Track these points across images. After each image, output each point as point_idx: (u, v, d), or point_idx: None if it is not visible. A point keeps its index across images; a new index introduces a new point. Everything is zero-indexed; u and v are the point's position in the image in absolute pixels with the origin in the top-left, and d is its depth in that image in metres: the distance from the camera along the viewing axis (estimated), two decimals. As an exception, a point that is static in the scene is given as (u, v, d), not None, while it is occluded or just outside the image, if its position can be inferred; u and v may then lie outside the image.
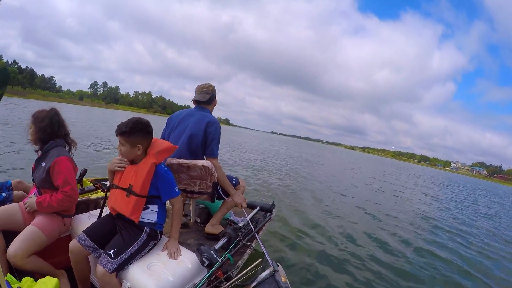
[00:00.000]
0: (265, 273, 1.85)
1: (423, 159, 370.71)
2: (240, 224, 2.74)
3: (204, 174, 2.62)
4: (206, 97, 2.85)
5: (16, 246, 1.99)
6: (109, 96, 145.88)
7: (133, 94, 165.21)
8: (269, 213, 3.56)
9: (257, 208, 3.55)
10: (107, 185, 3.45)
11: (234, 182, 2.91)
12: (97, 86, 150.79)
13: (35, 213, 2.29)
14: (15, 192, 2.62)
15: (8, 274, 1.74)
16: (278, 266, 1.95)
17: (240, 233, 2.53)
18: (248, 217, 2.85)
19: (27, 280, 1.74)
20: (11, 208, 2.29)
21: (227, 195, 2.83)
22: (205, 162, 2.60)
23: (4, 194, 2.53)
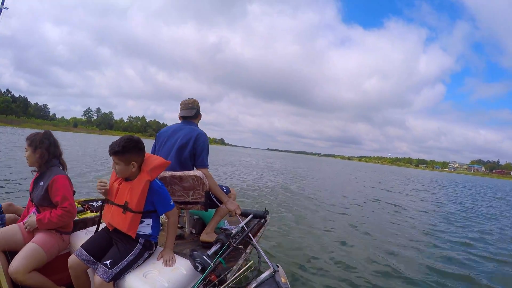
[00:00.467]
0: (265, 274, 1.89)
1: (420, 163, 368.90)
2: (233, 232, 2.78)
3: (196, 184, 2.70)
4: (193, 112, 2.98)
5: (17, 262, 2.06)
6: (103, 122, 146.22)
7: (127, 119, 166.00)
8: (263, 220, 3.63)
9: (251, 216, 3.58)
10: (95, 206, 3.54)
11: (225, 190, 2.99)
12: (91, 112, 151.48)
13: (34, 231, 2.35)
14: (7, 215, 2.68)
15: None
16: (278, 267, 1.99)
17: (233, 240, 2.58)
18: (241, 224, 2.91)
19: None
20: (11, 229, 2.35)
21: (221, 202, 2.90)
22: (196, 172, 2.68)
23: None
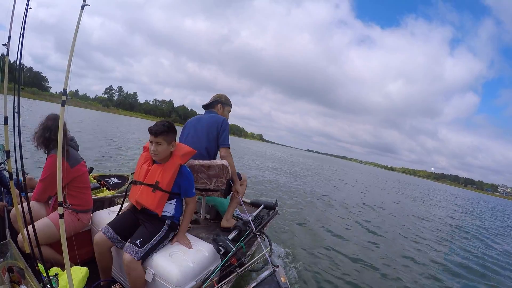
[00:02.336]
0: (265, 273, 2.14)
1: (468, 182, 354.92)
2: (249, 220, 3.19)
3: (221, 172, 3.13)
4: (210, 101, 3.54)
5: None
6: (123, 102, 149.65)
7: (153, 101, 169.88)
8: (272, 210, 4.11)
9: (262, 206, 4.12)
10: (111, 183, 3.99)
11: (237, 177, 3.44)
12: (113, 91, 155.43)
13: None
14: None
15: (39, 264, 2.00)
16: (278, 266, 2.22)
17: (249, 226, 2.98)
18: (255, 213, 3.41)
19: (56, 269, 2.10)
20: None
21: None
22: (223, 162, 3.12)
23: None
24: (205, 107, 3.55)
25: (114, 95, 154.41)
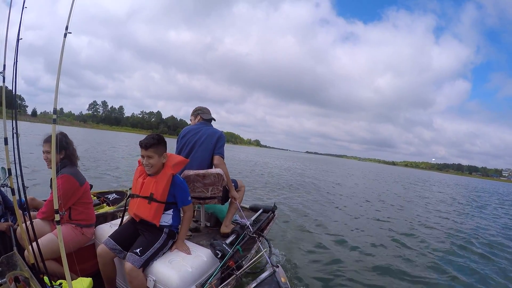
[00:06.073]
0: (265, 273, 2.25)
1: (471, 170, 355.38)
2: (247, 224, 3.37)
3: (216, 180, 3.34)
4: (211, 118, 3.87)
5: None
6: (109, 117, 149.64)
7: (140, 113, 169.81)
8: (271, 214, 4.29)
9: (260, 210, 4.33)
10: (111, 199, 4.22)
11: (233, 184, 3.65)
12: (97, 106, 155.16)
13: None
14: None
15: (45, 276, 2.12)
16: (278, 266, 2.33)
17: (247, 230, 3.16)
18: (253, 218, 3.62)
19: (62, 281, 2.21)
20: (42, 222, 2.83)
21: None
22: (217, 170, 3.34)
23: None
24: (206, 120, 3.79)
25: (98, 110, 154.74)
